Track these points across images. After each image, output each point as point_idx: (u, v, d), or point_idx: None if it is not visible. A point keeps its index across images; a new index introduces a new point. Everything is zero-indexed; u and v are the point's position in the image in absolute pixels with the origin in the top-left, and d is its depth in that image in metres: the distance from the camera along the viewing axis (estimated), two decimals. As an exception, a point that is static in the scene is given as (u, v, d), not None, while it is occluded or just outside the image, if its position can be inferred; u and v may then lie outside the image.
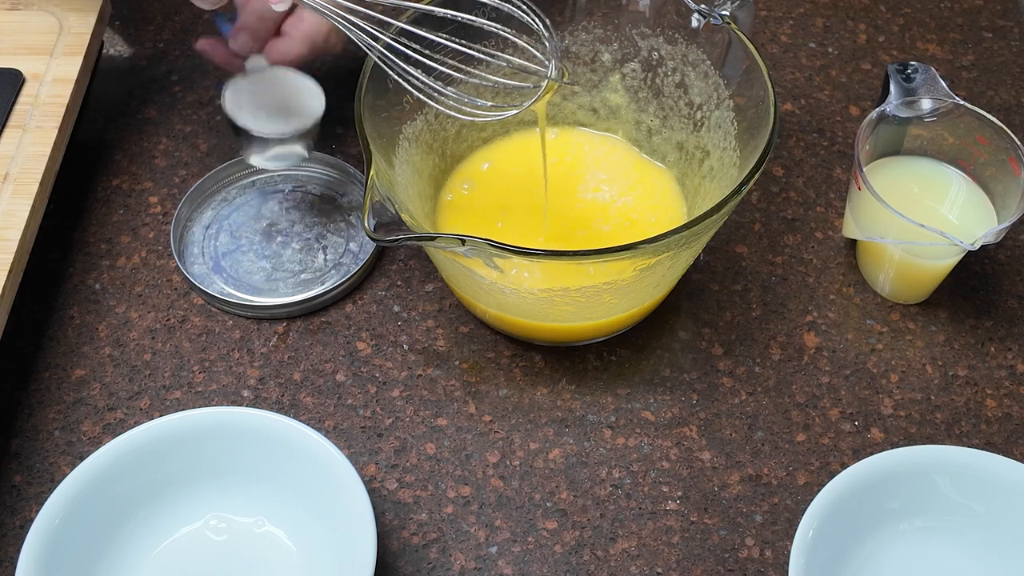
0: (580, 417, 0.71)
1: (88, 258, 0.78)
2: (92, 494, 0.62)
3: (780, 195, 0.81)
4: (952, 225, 0.73)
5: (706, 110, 0.74)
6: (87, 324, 0.75)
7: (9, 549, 0.66)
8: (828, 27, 0.92)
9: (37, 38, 0.81)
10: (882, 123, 0.74)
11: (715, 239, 0.78)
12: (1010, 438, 0.70)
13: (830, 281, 0.77)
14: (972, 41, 0.91)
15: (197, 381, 0.72)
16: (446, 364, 0.73)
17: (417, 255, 0.78)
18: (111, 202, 0.81)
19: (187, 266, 0.77)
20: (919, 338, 0.74)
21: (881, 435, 0.70)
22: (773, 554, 0.66)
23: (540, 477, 0.69)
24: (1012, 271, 0.77)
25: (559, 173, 0.78)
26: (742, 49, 0.69)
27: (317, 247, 0.78)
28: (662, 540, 0.66)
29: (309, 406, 0.71)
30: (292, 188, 0.81)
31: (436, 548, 0.66)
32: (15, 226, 0.71)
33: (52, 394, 0.72)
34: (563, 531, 0.67)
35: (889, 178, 0.74)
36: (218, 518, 0.65)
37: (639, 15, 0.75)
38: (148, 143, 0.84)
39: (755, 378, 0.72)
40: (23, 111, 0.76)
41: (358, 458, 0.69)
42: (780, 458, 0.69)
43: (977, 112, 0.72)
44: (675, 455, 0.69)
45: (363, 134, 0.65)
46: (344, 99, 0.87)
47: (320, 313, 0.75)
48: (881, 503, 0.64)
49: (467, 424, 0.71)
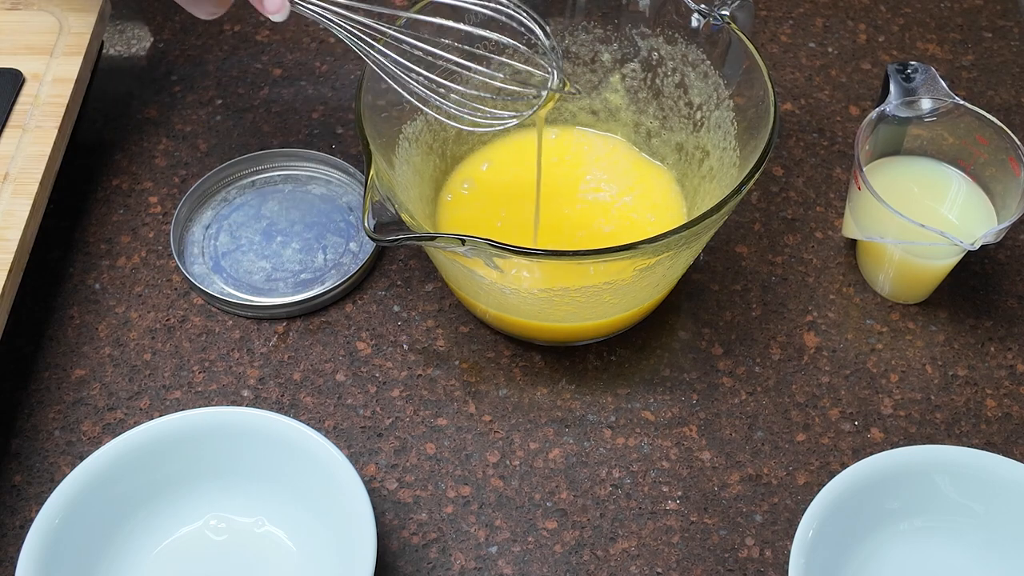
0: (580, 417, 0.71)
1: (88, 258, 0.78)
2: (92, 494, 0.62)
3: (780, 195, 0.81)
4: (952, 225, 0.73)
5: (706, 110, 0.74)
6: (87, 324, 0.75)
7: (9, 549, 0.66)
8: (828, 27, 0.92)
9: (37, 38, 0.81)
10: (882, 123, 0.74)
11: (715, 239, 0.78)
12: (1010, 438, 0.70)
13: (830, 281, 0.77)
14: (972, 41, 0.91)
15: (197, 381, 0.72)
16: (446, 364, 0.73)
17: (417, 255, 0.78)
18: (111, 202, 0.81)
19: (187, 266, 0.77)
20: (919, 338, 0.74)
21: (881, 435, 0.70)
22: (773, 554, 0.66)
23: (540, 477, 0.69)
24: (1012, 271, 0.77)
25: (559, 173, 0.78)
26: (742, 49, 0.69)
27: (317, 247, 0.78)
28: (662, 540, 0.66)
29: (309, 406, 0.71)
30: (292, 188, 0.81)
31: (436, 548, 0.66)
32: (15, 226, 0.71)
33: (52, 394, 0.72)
34: (563, 531, 0.66)
35: (889, 178, 0.74)
36: (218, 518, 0.65)
37: (639, 15, 0.75)
38: (148, 143, 0.84)
39: (755, 378, 0.72)
40: (23, 111, 0.76)
41: (358, 458, 0.69)
42: (780, 458, 0.69)
43: (977, 112, 0.72)
44: (675, 455, 0.69)
45: (363, 134, 0.65)
46: (344, 99, 0.87)
47: (320, 313, 0.75)
48: (881, 503, 0.64)
49: (467, 424, 0.71)
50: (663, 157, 0.78)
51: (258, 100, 0.87)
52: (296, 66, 0.89)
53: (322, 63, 0.89)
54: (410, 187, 0.73)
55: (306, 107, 0.86)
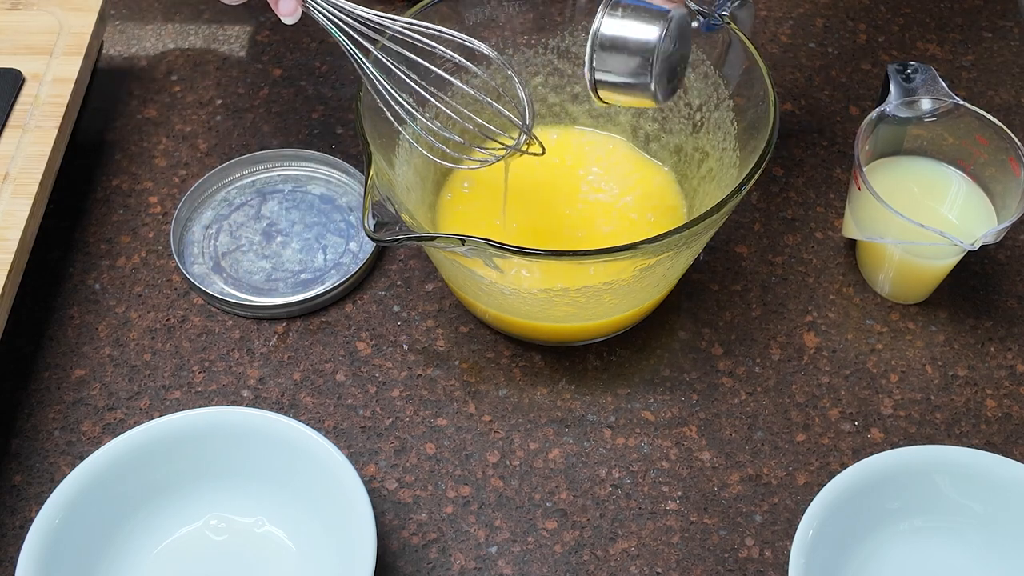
0: (580, 417, 0.71)
1: (88, 258, 0.78)
2: (92, 494, 0.62)
3: (780, 195, 0.81)
4: (952, 225, 0.73)
5: (706, 111, 0.74)
6: (87, 324, 0.75)
7: (9, 549, 0.66)
8: (828, 27, 0.92)
9: (37, 38, 0.81)
10: (882, 123, 0.74)
11: (715, 239, 0.78)
12: (1010, 438, 0.70)
13: (830, 281, 0.77)
14: (972, 41, 0.91)
15: (197, 381, 0.72)
16: (446, 364, 0.73)
17: (417, 255, 0.78)
18: (111, 202, 0.81)
19: (187, 266, 0.77)
20: (919, 338, 0.74)
21: (881, 435, 0.70)
22: (773, 554, 0.66)
23: (540, 477, 0.69)
24: (1012, 271, 0.77)
25: (559, 173, 0.78)
26: (742, 49, 0.69)
27: (317, 247, 0.78)
28: (662, 540, 0.66)
29: (309, 406, 0.71)
30: (292, 188, 0.81)
31: (436, 548, 0.66)
32: (15, 226, 0.71)
33: (52, 394, 0.72)
34: (563, 531, 0.66)
35: (889, 178, 0.74)
36: (218, 518, 0.65)
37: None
38: (148, 143, 0.84)
39: (755, 378, 0.72)
40: (23, 111, 0.76)
41: (358, 458, 0.69)
42: (780, 458, 0.69)
43: (977, 112, 0.72)
44: (675, 455, 0.69)
45: (363, 134, 0.65)
46: (344, 99, 0.87)
47: (320, 313, 0.75)
48: (881, 503, 0.64)
49: (467, 424, 0.71)
50: (663, 159, 0.78)
51: (258, 100, 0.87)
52: (296, 66, 0.89)
53: (322, 63, 0.89)
54: (410, 187, 0.73)
55: (306, 107, 0.86)
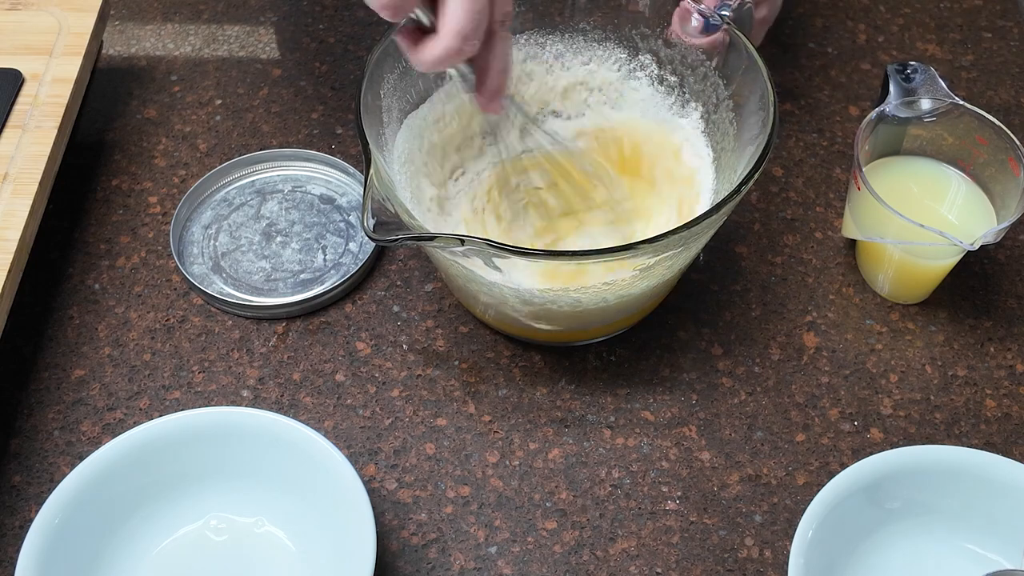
0: (580, 417, 0.71)
1: (88, 258, 0.78)
2: (92, 494, 0.62)
3: (780, 195, 0.81)
4: (952, 225, 0.73)
5: (705, 111, 0.74)
6: (87, 324, 0.75)
7: (9, 549, 0.66)
8: (828, 27, 0.92)
9: (37, 38, 0.81)
10: (881, 123, 0.74)
11: (715, 239, 0.78)
12: (1010, 438, 0.70)
13: (830, 281, 0.77)
14: (972, 41, 0.91)
15: (197, 381, 0.72)
16: (446, 364, 0.73)
17: (417, 255, 0.78)
18: (111, 202, 0.81)
19: (186, 266, 0.77)
20: (919, 338, 0.74)
21: (881, 435, 0.70)
22: (773, 554, 0.66)
23: (540, 477, 0.69)
24: (1012, 271, 0.77)
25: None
26: (742, 49, 0.69)
27: (316, 247, 0.78)
28: (662, 540, 0.66)
29: (309, 406, 0.71)
30: (292, 188, 0.81)
31: (436, 548, 0.66)
32: (15, 226, 0.71)
33: (52, 394, 0.72)
34: (563, 531, 0.67)
35: (888, 178, 0.74)
36: (218, 518, 0.65)
37: (639, 15, 0.75)
38: (148, 143, 0.84)
39: (755, 378, 0.73)
40: (23, 111, 0.76)
41: (358, 458, 0.69)
42: (780, 458, 0.69)
43: (976, 112, 0.72)
44: (675, 455, 0.69)
45: (363, 134, 0.65)
46: (344, 99, 0.87)
47: (320, 313, 0.75)
48: (881, 503, 0.64)
49: (467, 424, 0.71)
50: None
51: (258, 100, 0.87)
52: (296, 66, 0.89)
53: (322, 63, 0.89)
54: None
55: (306, 107, 0.86)
